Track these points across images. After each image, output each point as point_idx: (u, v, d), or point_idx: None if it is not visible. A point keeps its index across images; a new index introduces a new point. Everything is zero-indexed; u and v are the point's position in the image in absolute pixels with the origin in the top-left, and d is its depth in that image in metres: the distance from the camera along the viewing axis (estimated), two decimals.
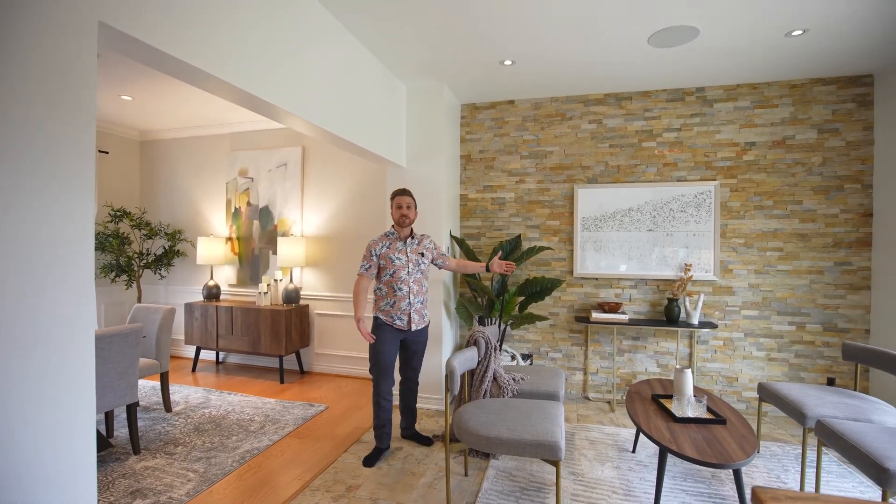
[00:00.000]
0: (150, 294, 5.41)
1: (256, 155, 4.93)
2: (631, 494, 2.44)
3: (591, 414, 3.64)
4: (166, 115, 4.73)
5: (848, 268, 3.51)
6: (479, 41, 3.00)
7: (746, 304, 3.68)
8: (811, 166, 3.55)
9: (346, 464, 2.77)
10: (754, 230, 3.65)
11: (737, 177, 3.68)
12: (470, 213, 4.29)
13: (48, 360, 1.23)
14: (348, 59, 2.92)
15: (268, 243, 4.89)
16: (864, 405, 2.45)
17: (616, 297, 3.94)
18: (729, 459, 1.91)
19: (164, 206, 5.39)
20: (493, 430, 2.14)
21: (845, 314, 3.52)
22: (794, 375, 3.60)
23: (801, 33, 2.84)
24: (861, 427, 2.14)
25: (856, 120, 3.49)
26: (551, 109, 4.08)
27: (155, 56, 1.62)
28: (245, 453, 2.87)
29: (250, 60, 2.06)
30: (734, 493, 2.43)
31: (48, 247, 1.23)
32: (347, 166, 4.62)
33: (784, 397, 2.58)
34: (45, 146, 1.21)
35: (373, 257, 2.84)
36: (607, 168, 3.96)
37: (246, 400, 3.84)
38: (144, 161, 5.48)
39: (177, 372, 4.68)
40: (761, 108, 3.64)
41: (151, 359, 3.40)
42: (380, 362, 2.81)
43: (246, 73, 2.03)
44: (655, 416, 2.38)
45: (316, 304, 4.73)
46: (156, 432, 3.17)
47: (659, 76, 3.56)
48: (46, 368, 1.23)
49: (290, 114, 2.37)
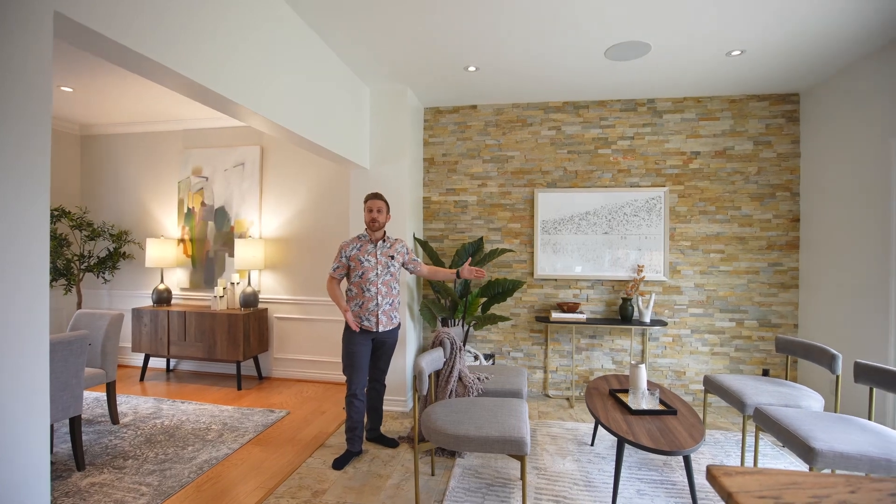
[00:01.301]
0: (92, 299, 5.06)
1: (212, 153, 4.74)
2: (591, 485, 2.56)
3: (552, 410, 3.77)
4: (111, 108, 4.46)
5: (779, 268, 3.84)
6: (445, 47, 3.05)
7: (693, 303, 3.94)
8: (748, 175, 3.87)
9: (311, 469, 2.73)
10: (699, 233, 3.93)
11: (684, 183, 3.95)
12: (433, 216, 4.33)
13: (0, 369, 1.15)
14: (312, 59, 2.89)
15: (224, 245, 4.71)
16: (794, 392, 2.70)
17: (574, 297, 4.11)
18: (680, 447, 2.05)
19: (108, 205, 5.06)
20: (462, 428, 2.18)
21: (777, 310, 3.85)
22: (734, 368, 3.90)
23: (739, 53, 3.09)
24: (792, 412, 2.35)
25: (785, 134, 3.83)
26: (512, 115, 4.20)
27: (105, 46, 1.54)
28: (203, 463, 2.76)
29: (209, 54, 2.00)
30: (684, 480, 2.61)
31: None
32: (309, 167, 4.54)
33: (727, 388, 2.80)
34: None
35: (342, 258, 2.90)
36: (566, 173, 4.12)
37: (201, 408, 3.68)
38: (85, 157, 5.13)
39: (122, 381, 4.41)
40: (705, 121, 3.92)
41: (97, 368, 3.20)
42: (353, 362, 2.84)
43: (204, 67, 1.96)
44: (613, 409, 2.52)
45: (275, 307, 4.61)
46: (102, 446, 2.98)
47: (614, 87, 3.76)
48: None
49: (250, 111, 2.31)
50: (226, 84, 2.09)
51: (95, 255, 4.77)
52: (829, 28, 2.74)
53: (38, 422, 1.24)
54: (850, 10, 2.54)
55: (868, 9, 2.52)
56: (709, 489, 2.51)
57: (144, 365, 4.52)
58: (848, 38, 2.85)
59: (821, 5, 2.49)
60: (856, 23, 2.67)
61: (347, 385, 2.87)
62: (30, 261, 1.21)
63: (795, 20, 2.66)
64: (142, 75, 1.85)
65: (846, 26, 2.71)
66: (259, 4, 2.32)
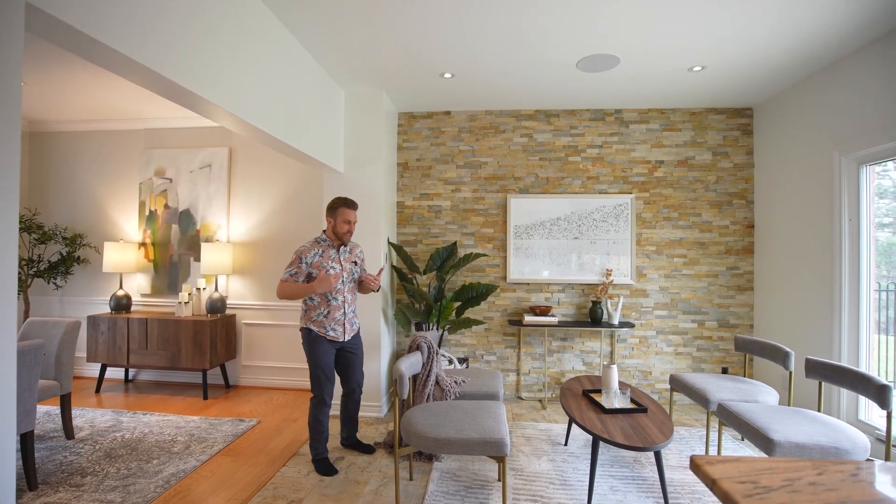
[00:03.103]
0: (41, 307, 4.75)
1: (176, 154, 4.57)
2: (567, 484, 2.62)
3: (525, 412, 3.83)
4: (65, 103, 4.22)
5: (736, 272, 4.07)
6: (422, 53, 3.08)
7: (658, 305, 4.11)
8: (708, 183, 4.09)
9: (285, 479, 2.66)
10: (663, 238, 4.11)
11: (649, 191, 4.13)
12: (407, 221, 4.34)
13: None
14: (287, 59, 2.85)
15: (189, 249, 4.54)
16: (752, 389, 2.86)
17: (546, 300, 4.21)
18: (653, 443, 2.14)
19: (61, 207, 4.78)
20: (442, 431, 2.19)
21: (735, 312, 4.07)
22: (696, 367, 4.09)
23: (700, 69, 3.28)
24: (751, 407, 2.50)
25: (741, 145, 4.08)
26: (486, 122, 4.27)
27: (76, 38, 1.46)
28: (170, 477, 2.64)
29: (179, 49, 1.94)
30: (653, 475, 2.71)
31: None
32: (279, 170, 4.45)
33: (691, 386, 2.94)
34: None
35: (301, 264, 2.70)
36: (537, 179, 4.23)
37: (165, 419, 3.52)
38: (35, 156, 4.82)
39: (76, 394, 4.15)
40: (668, 131, 4.12)
41: (50, 380, 3.00)
42: (325, 373, 2.74)
43: (174, 62, 1.88)
44: (587, 409, 2.59)
45: (244, 313, 4.47)
46: (55, 463, 2.80)
47: (583, 97, 3.90)
48: None
49: (221, 109, 2.22)
50: (196, 80, 2.01)
51: (46, 259, 4.48)
52: (781, 45, 2.95)
53: (3, 435, 1.17)
54: (801, 29, 2.75)
55: (817, 27, 2.73)
56: (677, 483, 2.63)
57: (101, 375, 4.28)
58: (797, 55, 3.08)
59: (776, 23, 2.69)
60: (805, 41, 2.89)
61: (318, 395, 2.73)
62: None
63: (751, 38, 2.85)
64: (110, 70, 1.77)
65: (797, 44, 2.93)
66: (233, 1, 2.28)
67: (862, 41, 2.86)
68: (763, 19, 2.61)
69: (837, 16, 2.57)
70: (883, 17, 2.58)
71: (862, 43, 2.88)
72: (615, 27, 2.72)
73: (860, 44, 2.89)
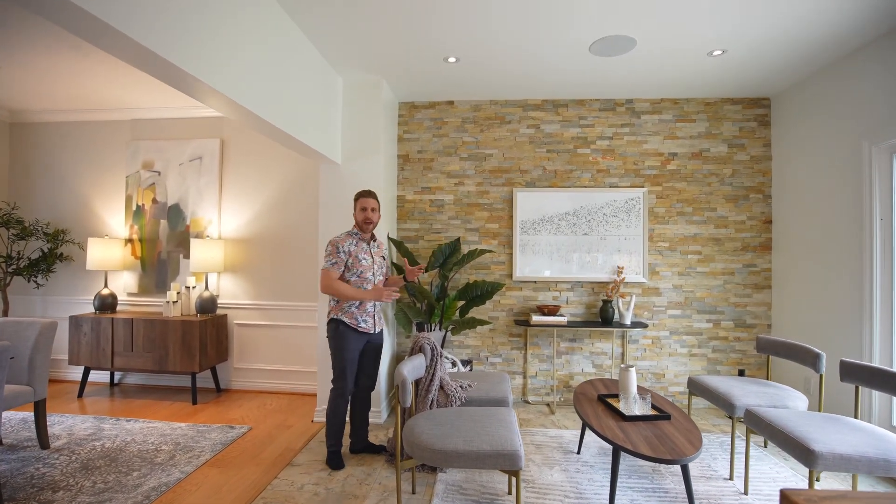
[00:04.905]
0: (22, 306, 4.51)
1: (165, 146, 4.34)
2: (583, 497, 2.41)
3: (533, 417, 3.62)
4: (45, 92, 3.99)
5: (753, 269, 3.88)
6: (426, 33, 2.87)
7: (671, 304, 3.92)
8: (723, 177, 3.90)
9: (277, 492, 2.44)
10: (677, 234, 3.92)
11: (662, 184, 3.93)
12: (407, 215, 4.13)
13: None
14: (282, 41, 2.64)
15: (178, 246, 4.31)
16: (779, 393, 2.66)
17: (554, 299, 4.00)
18: (682, 454, 1.94)
19: (42, 201, 4.54)
20: (449, 442, 1.98)
21: (752, 311, 3.88)
22: (712, 369, 3.89)
23: (720, 53, 3.08)
24: (784, 413, 2.30)
25: (758, 137, 3.89)
26: (490, 112, 4.07)
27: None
28: (150, 491, 2.42)
29: (165, 20, 1.73)
30: (675, 486, 2.51)
31: None
32: (274, 163, 4.23)
33: (713, 390, 2.74)
34: None
35: (340, 254, 2.69)
36: (545, 172, 4.03)
37: (150, 426, 3.29)
38: (15, 147, 4.59)
39: (57, 399, 3.92)
40: (682, 122, 3.93)
41: (22, 385, 2.78)
42: (346, 366, 2.70)
43: (159, 34, 1.70)
44: (605, 415, 2.39)
45: (236, 313, 4.25)
46: (26, 476, 2.57)
47: (593, 85, 3.70)
48: None
49: (211, 88, 2.03)
50: (182, 55, 1.82)
51: (26, 256, 4.25)
52: (807, 26, 2.76)
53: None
54: (828, 8, 2.55)
55: (841, 13, 2.54)
56: (701, 495, 2.42)
57: (84, 379, 4.04)
58: (820, 42, 2.90)
59: (801, 6, 2.49)
60: (833, 20, 2.70)
61: (339, 387, 2.70)
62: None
63: (778, 18, 2.65)
64: (90, 41, 1.58)
65: (821, 29, 2.74)
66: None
67: (892, 23, 2.67)
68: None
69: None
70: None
71: (894, 24, 2.69)
72: (635, 5, 2.52)
73: (892, 25, 2.70)
